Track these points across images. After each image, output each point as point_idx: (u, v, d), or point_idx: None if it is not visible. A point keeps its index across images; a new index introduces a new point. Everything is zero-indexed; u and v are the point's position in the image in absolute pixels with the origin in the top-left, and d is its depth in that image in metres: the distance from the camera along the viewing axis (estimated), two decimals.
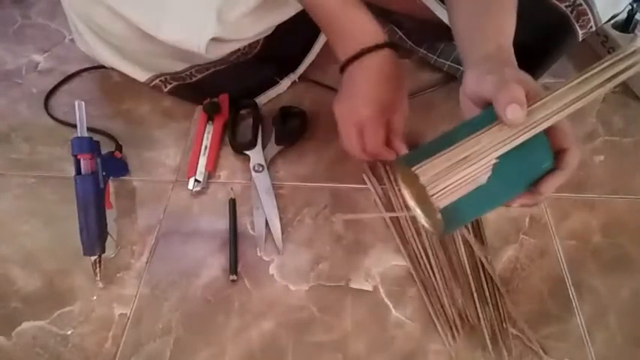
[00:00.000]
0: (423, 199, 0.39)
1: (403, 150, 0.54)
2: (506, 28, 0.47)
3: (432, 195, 0.35)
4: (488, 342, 0.48)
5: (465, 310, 0.50)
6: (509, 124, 0.36)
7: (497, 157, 0.36)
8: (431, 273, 0.53)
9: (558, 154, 0.39)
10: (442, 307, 0.51)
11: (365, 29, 0.52)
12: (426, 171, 0.36)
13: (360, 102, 0.52)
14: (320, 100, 0.72)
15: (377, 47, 0.51)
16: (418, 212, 0.42)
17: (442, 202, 0.36)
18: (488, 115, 0.37)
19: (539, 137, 0.37)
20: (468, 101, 0.43)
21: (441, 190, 0.35)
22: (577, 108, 0.37)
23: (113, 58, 0.66)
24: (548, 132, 0.38)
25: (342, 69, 0.53)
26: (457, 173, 0.35)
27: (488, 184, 0.36)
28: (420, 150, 0.38)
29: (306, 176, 0.63)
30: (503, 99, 0.36)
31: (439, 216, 0.36)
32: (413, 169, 0.36)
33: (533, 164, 0.39)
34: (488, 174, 0.36)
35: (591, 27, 0.63)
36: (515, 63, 0.44)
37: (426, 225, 0.42)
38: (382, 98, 0.52)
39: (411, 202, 0.43)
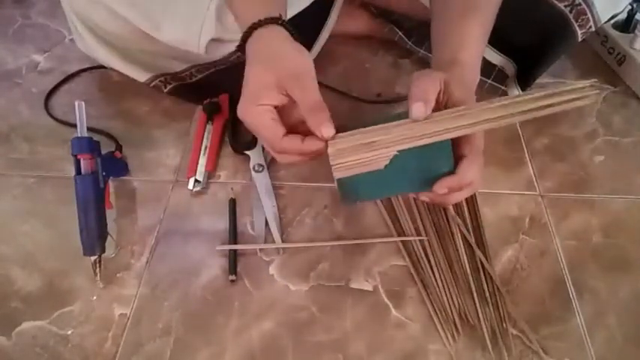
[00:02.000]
0: (337, 155, 0.43)
1: (326, 130, 0.41)
2: (466, 42, 0.48)
3: (332, 165, 0.41)
4: (488, 342, 0.48)
5: (465, 310, 0.50)
6: (412, 118, 0.40)
7: (399, 151, 0.40)
8: (431, 273, 0.53)
9: (458, 160, 0.42)
10: (442, 307, 0.51)
11: (247, 10, 0.46)
12: (335, 144, 0.41)
13: (251, 87, 0.43)
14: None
15: (256, 26, 0.44)
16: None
17: (339, 173, 0.41)
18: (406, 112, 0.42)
19: (443, 144, 0.41)
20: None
21: (340, 163, 0.41)
22: (489, 127, 0.40)
23: (113, 58, 0.66)
24: (454, 140, 0.41)
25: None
26: (358, 154, 0.41)
27: (385, 172, 0.41)
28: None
29: (306, 176, 0.63)
30: (414, 94, 0.40)
31: (335, 184, 0.42)
32: (329, 140, 0.41)
33: (433, 166, 0.43)
34: (386, 162, 0.41)
35: (590, 27, 0.63)
36: (471, 80, 0.47)
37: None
38: (274, 72, 0.42)
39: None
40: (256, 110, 0.42)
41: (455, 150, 0.43)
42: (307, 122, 0.41)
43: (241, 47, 0.46)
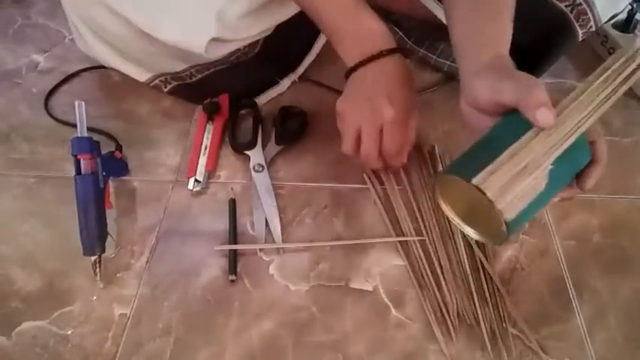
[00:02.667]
0: (477, 212, 0.40)
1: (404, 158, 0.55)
2: (502, 36, 0.47)
3: (502, 210, 0.36)
4: (487, 342, 0.48)
5: (464, 310, 0.50)
6: (541, 126, 0.37)
7: (552, 163, 0.37)
8: (430, 273, 0.53)
9: (591, 148, 0.41)
10: (440, 307, 0.51)
11: (377, 32, 0.52)
12: (490, 185, 0.36)
13: (385, 101, 0.50)
14: (320, 100, 0.72)
15: (391, 51, 0.51)
16: (465, 226, 0.43)
17: (509, 214, 0.36)
18: (515, 122, 0.39)
19: (580, 137, 0.39)
20: (471, 109, 0.43)
21: (508, 202, 0.36)
22: (608, 106, 0.39)
23: (113, 58, 0.66)
24: None
25: (351, 71, 0.52)
26: (520, 184, 0.36)
27: (546, 188, 0.37)
28: (465, 161, 0.39)
29: (306, 176, 0.63)
30: (531, 103, 0.37)
31: (504, 227, 0.37)
32: (475, 182, 0.36)
33: (579, 163, 0.41)
34: (546, 180, 0.37)
35: (591, 27, 0.63)
36: (514, 66, 0.45)
37: (476, 237, 0.43)
38: (405, 100, 0.51)
39: (454, 217, 0.43)
40: (401, 126, 0.51)
41: None
42: (387, 159, 0.54)
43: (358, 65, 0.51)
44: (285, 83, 0.73)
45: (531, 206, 0.37)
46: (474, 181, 0.36)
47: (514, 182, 0.36)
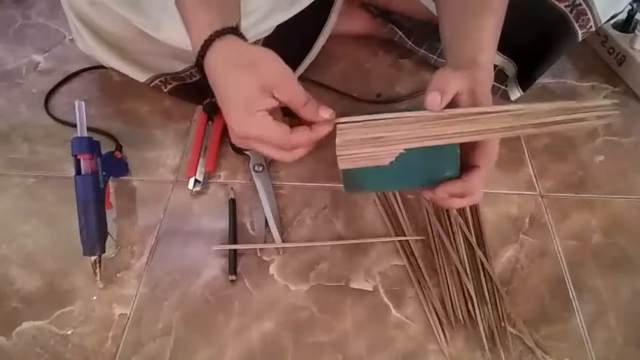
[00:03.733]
0: (344, 144, 0.43)
1: (325, 113, 0.43)
2: (484, 45, 0.47)
3: (338, 155, 0.41)
4: (485, 342, 0.48)
5: (464, 311, 0.50)
6: (427, 107, 0.40)
7: (405, 149, 0.40)
8: (429, 273, 0.53)
9: (469, 169, 0.42)
10: (440, 307, 0.51)
11: (200, 20, 0.43)
12: (344, 134, 0.42)
13: (226, 111, 0.42)
14: (320, 100, 0.71)
15: (219, 34, 0.41)
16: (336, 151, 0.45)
17: (344, 164, 0.42)
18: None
19: (451, 147, 0.40)
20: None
21: (345, 154, 0.41)
22: (501, 137, 0.40)
23: (113, 58, 0.66)
24: (468, 145, 0.41)
25: (202, 70, 0.44)
26: (364, 147, 0.41)
27: (390, 168, 0.41)
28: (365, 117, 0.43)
29: (306, 176, 0.63)
30: (434, 83, 0.40)
31: (340, 174, 0.43)
32: (338, 127, 0.42)
33: (438, 168, 0.42)
34: (391, 159, 0.41)
35: (591, 27, 0.63)
36: (489, 82, 0.45)
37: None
38: (256, 78, 0.41)
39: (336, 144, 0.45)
40: (255, 119, 0.40)
41: (467, 156, 0.42)
42: (304, 117, 0.42)
43: (200, 58, 0.42)
44: None
45: (373, 174, 0.42)
46: (339, 125, 0.42)
47: (363, 143, 0.41)
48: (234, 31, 0.42)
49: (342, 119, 0.42)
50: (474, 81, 0.42)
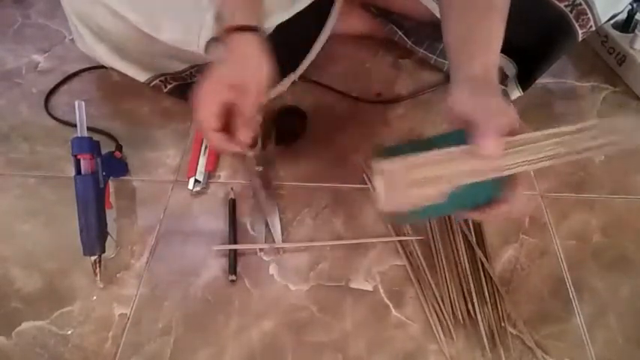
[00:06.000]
0: (390, 188, 0.41)
1: (244, 136, 0.48)
2: (492, 40, 0.47)
3: (385, 204, 0.39)
4: (485, 342, 0.48)
5: (464, 311, 0.50)
6: (482, 154, 0.38)
7: (457, 187, 0.39)
8: (429, 273, 0.53)
9: (508, 187, 0.42)
10: (440, 307, 0.51)
11: (235, 12, 0.50)
12: (387, 178, 0.38)
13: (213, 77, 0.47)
14: (320, 100, 0.72)
15: (238, 29, 0.48)
16: (379, 196, 0.43)
17: (388, 208, 0.39)
18: (461, 136, 0.40)
19: (497, 179, 0.40)
20: (452, 113, 0.43)
21: (396, 198, 0.39)
22: (543, 166, 0.40)
23: (113, 58, 0.66)
24: None
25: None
26: (422, 190, 0.39)
27: (438, 204, 0.40)
28: (399, 149, 0.41)
29: (306, 176, 0.63)
30: (487, 130, 0.38)
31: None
32: (380, 168, 0.38)
33: (484, 196, 0.42)
34: (444, 198, 0.39)
35: (591, 27, 0.63)
36: (498, 83, 0.45)
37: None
38: (230, 75, 0.48)
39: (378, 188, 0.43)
40: (209, 97, 0.46)
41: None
42: (238, 125, 0.47)
43: (213, 40, 0.50)
44: (285, 83, 0.73)
45: (426, 208, 0.40)
46: (381, 166, 0.39)
47: (418, 186, 0.39)
48: (256, 31, 0.49)
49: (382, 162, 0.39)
50: (488, 85, 0.43)
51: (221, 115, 0.47)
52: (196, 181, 0.61)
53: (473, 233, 0.56)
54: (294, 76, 0.73)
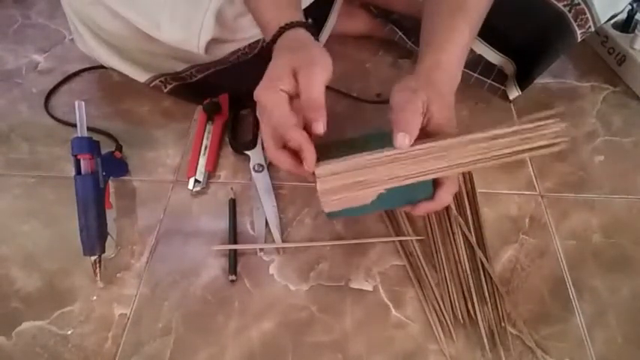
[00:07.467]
0: (325, 192, 0.45)
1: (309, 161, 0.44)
2: (449, 44, 0.48)
3: (322, 201, 0.43)
4: (485, 342, 0.48)
5: (464, 311, 0.50)
6: (397, 147, 0.42)
7: (386, 189, 0.43)
8: (429, 273, 0.53)
9: (437, 185, 0.45)
10: (440, 307, 0.51)
11: (273, 15, 0.49)
12: (324, 182, 0.43)
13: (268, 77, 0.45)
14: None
15: (286, 27, 0.47)
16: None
17: (328, 208, 0.44)
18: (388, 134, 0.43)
19: (426, 181, 0.43)
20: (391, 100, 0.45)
21: (330, 200, 0.43)
22: (465, 170, 0.44)
23: (113, 58, 0.66)
24: None
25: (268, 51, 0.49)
26: (347, 192, 0.43)
27: (369, 204, 0.44)
28: (334, 149, 0.45)
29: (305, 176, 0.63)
30: (398, 123, 0.42)
31: (324, 214, 0.45)
32: (317, 173, 0.43)
33: (414, 196, 0.46)
34: (373, 199, 0.44)
35: (590, 27, 0.63)
36: (447, 83, 0.47)
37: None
38: (294, 58, 0.45)
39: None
40: (272, 92, 0.43)
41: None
42: (304, 112, 0.43)
43: (268, 46, 0.49)
44: None
45: (351, 210, 0.45)
46: (317, 171, 0.43)
47: (344, 189, 0.43)
48: (305, 25, 0.48)
49: (320, 166, 0.43)
50: (429, 83, 0.45)
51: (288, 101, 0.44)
52: (196, 181, 0.61)
53: (473, 233, 0.56)
54: None
